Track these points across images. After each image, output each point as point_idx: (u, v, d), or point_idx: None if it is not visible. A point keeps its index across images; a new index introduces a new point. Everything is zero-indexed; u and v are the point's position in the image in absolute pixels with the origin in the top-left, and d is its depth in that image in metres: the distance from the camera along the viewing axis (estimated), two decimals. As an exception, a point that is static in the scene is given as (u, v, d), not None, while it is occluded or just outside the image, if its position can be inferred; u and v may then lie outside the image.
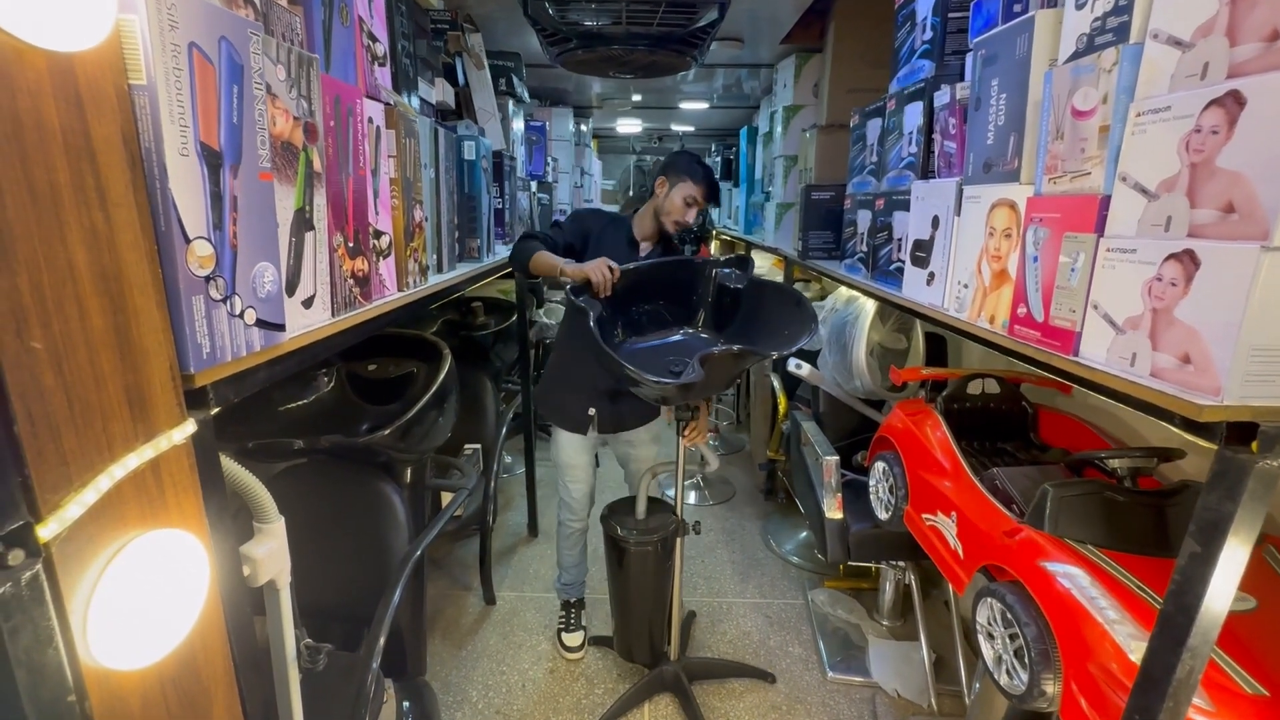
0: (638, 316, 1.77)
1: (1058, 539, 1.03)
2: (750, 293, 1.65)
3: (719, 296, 1.72)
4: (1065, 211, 0.83)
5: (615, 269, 1.61)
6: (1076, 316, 0.82)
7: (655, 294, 1.74)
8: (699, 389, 1.45)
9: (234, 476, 0.87)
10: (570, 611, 2.13)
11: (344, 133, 0.93)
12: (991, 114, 1.01)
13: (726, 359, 1.36)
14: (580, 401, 1.85)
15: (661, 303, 1.76)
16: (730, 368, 1.42)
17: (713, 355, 1.32)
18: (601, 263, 1.61)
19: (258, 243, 0.70)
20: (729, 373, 1.45)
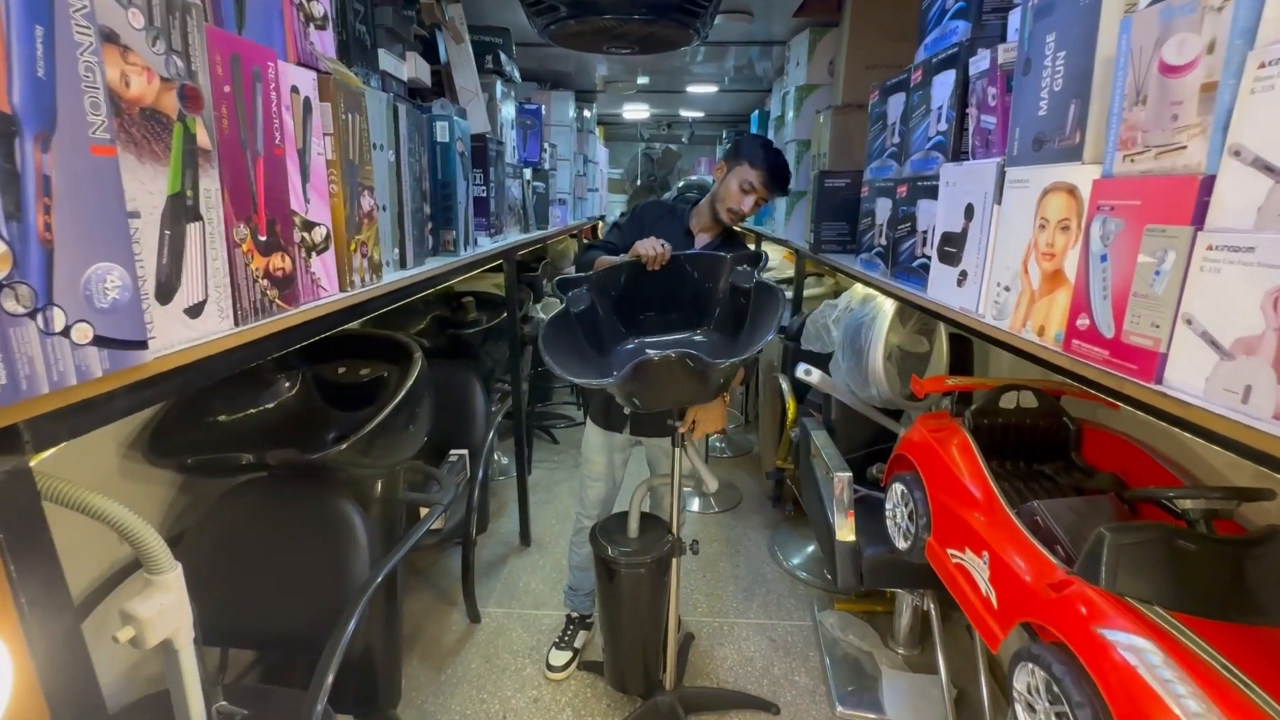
0: (646, 314, 1.61)
1: (1116, 597, 0.85)
2: (754, 294, 1.48)
3: (733, 296, 1.55)
4: (1148, 197, 0.65)
5: (667, 246, 1.55)
6: (1161, 333, 0.63)
7: (667, 290, 1.58)
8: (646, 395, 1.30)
9: (111, 518, 0.71)
10: (569, 628, 1.99)
11: (248, 101, 0.76)
12: (1046, 78, 0.82)
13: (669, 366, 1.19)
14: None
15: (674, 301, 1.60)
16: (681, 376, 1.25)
17: (650, 361, 1.16)
18: (653, 239, 1.56)
19: (92, 237, 0.54)
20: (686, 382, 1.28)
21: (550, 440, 3.59)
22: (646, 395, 1.30)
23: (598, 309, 1.54)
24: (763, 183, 1.67)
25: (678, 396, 1.35)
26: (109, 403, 0.59)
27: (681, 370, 1.20)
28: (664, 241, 1.55)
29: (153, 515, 1.43)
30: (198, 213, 0.69)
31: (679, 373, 1.21)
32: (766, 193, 1.69)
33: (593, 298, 1.53)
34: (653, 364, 1.16)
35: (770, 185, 1.69)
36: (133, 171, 0.60)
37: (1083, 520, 1.09)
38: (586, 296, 1.53)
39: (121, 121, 0.58)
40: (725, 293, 1.55)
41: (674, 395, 1.33)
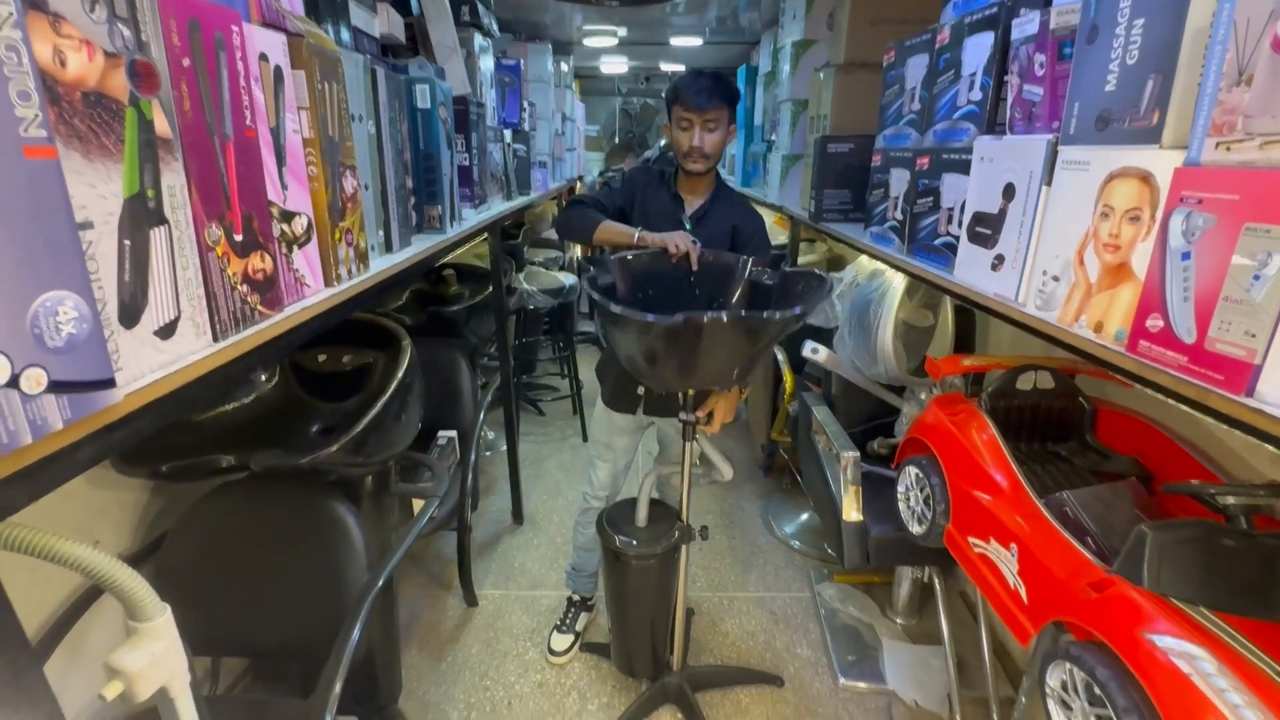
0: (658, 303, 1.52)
1: (1161, 599, 0.83)
2: (780, 284, 1.41)
3: (752, 294, 1.47)
4: (1248, 191, 0.59)
5: (697, 244, 1.44)
6: (1257, 344, 0.58)
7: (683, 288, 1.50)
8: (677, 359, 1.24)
9: (86, 566, 0.62)
10: (570, 610, 1.96)
11: (212, 75, 0.64)
12: (1117, 48, 0.75)
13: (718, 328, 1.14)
14: (632, 379, 1.63)
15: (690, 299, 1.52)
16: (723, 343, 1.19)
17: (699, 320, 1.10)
18: (684, 235, 1.45)
19: (36, 262, 0.44)
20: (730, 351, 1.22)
21: (536, 413, 3.51)
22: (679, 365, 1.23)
23: (617, 288, 1.45)
24: (690, 105, 1.50)
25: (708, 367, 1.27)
26: (73, 455, 0.49)
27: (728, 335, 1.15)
28: (694, 239, 1.45)
29: (127, 523, 1.33)
30: (162, 215, 0.58)
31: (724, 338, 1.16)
32: (700, 113, 1.51)
33: (614, 278, 1.45)
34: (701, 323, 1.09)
35: (695, 99, 1.50)
36: (80, 173, 0.49)
37: (1110, 510, 1.07)
38: (609, 275, 1.44)
39: (60, 112, 0.47)
40: (744, 292, 1.49)
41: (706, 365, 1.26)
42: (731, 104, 1.55)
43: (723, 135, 1.57)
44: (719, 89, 1.51)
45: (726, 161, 4.20)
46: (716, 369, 1.29)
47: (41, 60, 0.45)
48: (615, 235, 1.53)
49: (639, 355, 1.28)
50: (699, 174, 1.59)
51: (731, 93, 1.55)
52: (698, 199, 1.65)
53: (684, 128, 1.54)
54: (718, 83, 1.52)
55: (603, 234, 1.53)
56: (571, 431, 3.30)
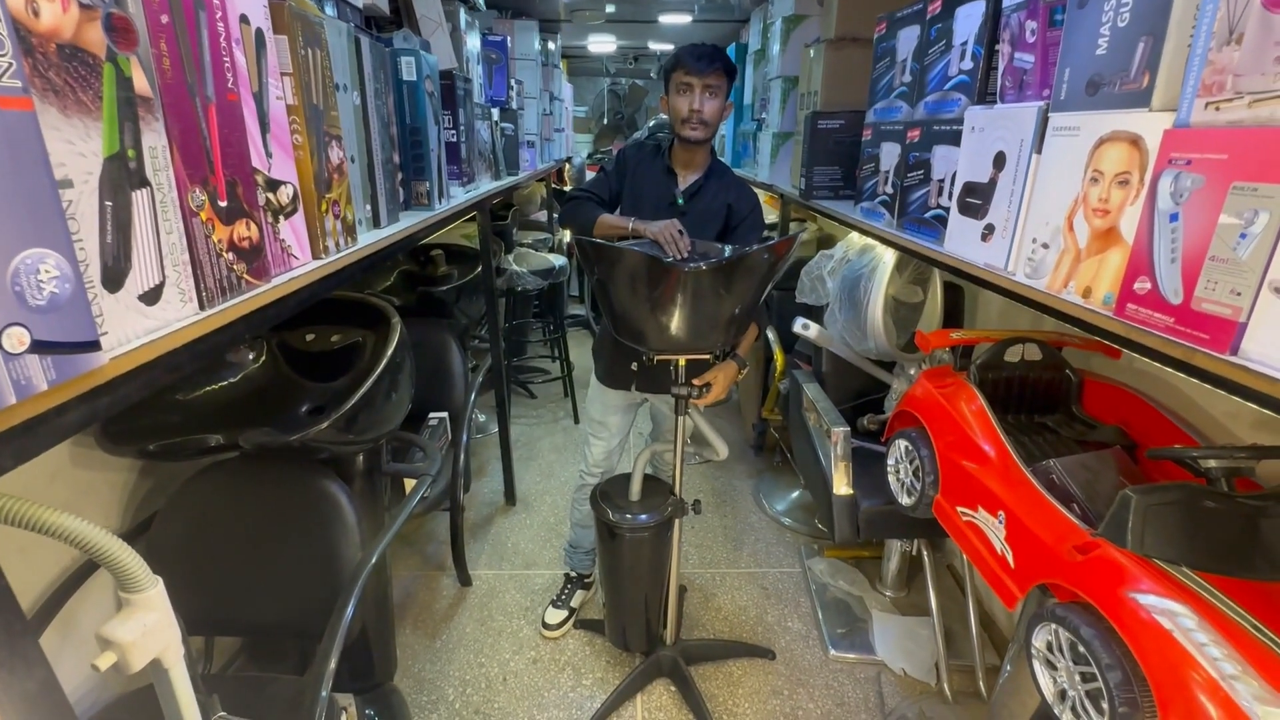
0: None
1: (1145, 560, 0.84)
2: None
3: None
4: (1236, 151, 0.59)
5: (685, 235, 1.43)
6: (1242, 301, 0.59)
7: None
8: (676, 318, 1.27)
9: (76, 536, 0.62)
10: (567, 586, 1.98)
11: (191, 34, 0.62)
12: (1108, 11, 0.75)
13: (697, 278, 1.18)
14: (625, 356, 1.63)
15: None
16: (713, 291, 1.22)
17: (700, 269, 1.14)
18: (672, 224, 1.44)
19: (15, 218, 0.43)
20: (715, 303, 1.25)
21: (527, 395, 3.51)
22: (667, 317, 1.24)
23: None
24: (691, 69, 1.50)
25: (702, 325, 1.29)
26: (59, 418, 0.49)
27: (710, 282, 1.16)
28: (681, 228, 1.44)
29: (115, 503, 1.31)
30: (144, 177, 0.57)
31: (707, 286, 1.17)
32: (700, 77, 1.51)
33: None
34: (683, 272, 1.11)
35: (697, 64, 1.50)
36: (57, 129, 0.48)
37: (1096, 477, 1.09)
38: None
39: (35, 64, 0.45)
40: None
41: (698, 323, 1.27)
42: (730, 76, 1.56)
43: (721, 105, 1.56)
44: (719, 57, 1.52)
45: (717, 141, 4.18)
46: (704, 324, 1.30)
47: (13, 8, 0.43)
48: (612, 227, 1.54)
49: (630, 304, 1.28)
50: (696, 142, 1.58)
51: (731, 66, 1.55)
52: (692, 174, 1.63)
53: (683, 92, 1.54)
54: (719, 52, 1.53)
55: (601, 228, 1.55)
56: (563, 413, 3.31)
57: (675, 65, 1.54)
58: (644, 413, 1.92)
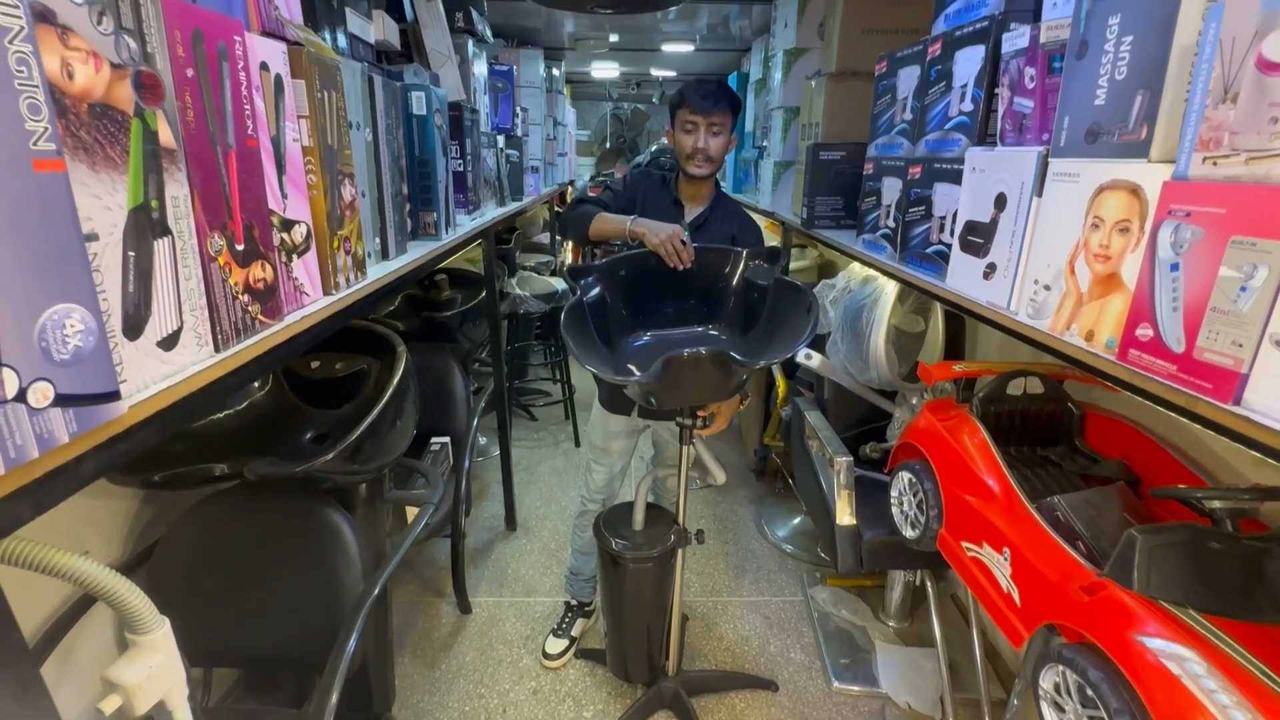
0: (654, 306, 1.53)
1: (1151, 601, 0.84)
2: (773, 291, 1.42)
3: (746, 291, 1.48)
4: (1235, 205, 0.60)
5: (688, 244, 1.43)
6: (1243, 353, 0.60)
7: (677, 282, 1.50)
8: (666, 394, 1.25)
9: (83, 578, 0.62)
10: (568, 615, 1.96)
11: (214, 85, 0.64)
12: (1106, 64, 0.77)
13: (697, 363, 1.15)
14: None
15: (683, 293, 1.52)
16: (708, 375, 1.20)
17: (680, 358, 1.11)
18: (676, 233, 1.44)
19: (44, 275, 0.44)
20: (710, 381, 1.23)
21: (529, 418, 3.51)
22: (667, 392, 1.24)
23: (606, 298, 1.46)
24: (696, 108, 1.54)
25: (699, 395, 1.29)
26: (77, 468, 0.49)
27: (710, 368, 1.15)
28: (685, 236, 1.46)
29: (117, 531, 1.31)
30: (165, 226, 0.58)
31: (706, 370, 1.16)
32: (705, 116, 1.54)
33: (602, 287, 1.45)
34: (682, 360, 1.09)
35: (702, 103, 1.53)
36: (86, 184, 0.49)
37: (1100, 514, 1.09)
38: (596, 284, 1.45)
39: (68, 124, 0.47)
40: (739, 288, 1.49)
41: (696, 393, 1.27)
42: (735, 112, 1.59)
43: (725, 141, 1.60)
44: (725, 95, 1.56)
45: (717, 167, 4.23)
46: (707, 392, 1.31)
47: (50, 73, 0.45)
48: (610, 229, 1.54)
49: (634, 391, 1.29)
50: (701, 177, 1.61)
51: (737, 101, 1.59)
52: (698, 205, 1.66)
53: (689, 130, 1.57)
54: (724, 89, 1.57)
55: (598, 226, 1.56)
56: (564, 436, 3.30)
57: (681, 102, 1.58)
58: (645, 437, 1.93)
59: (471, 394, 2.26)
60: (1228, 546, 0.87)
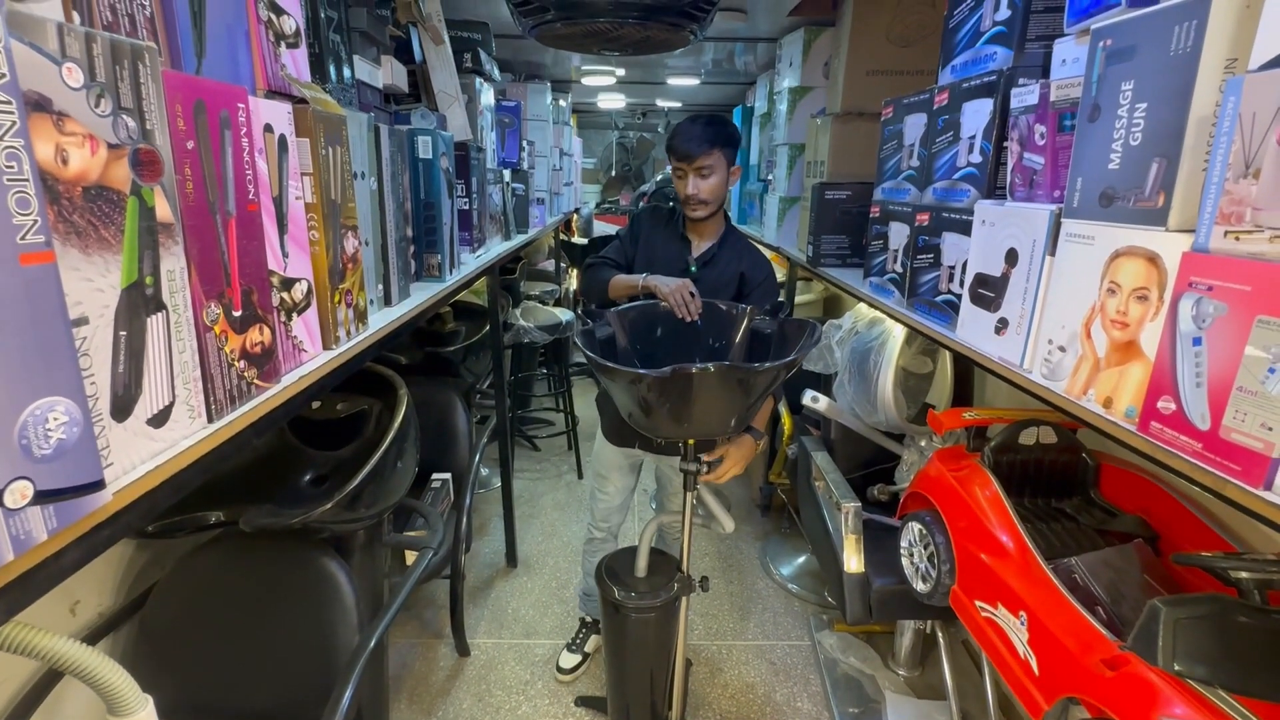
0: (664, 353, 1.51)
1: (1178, 680, 0.81)
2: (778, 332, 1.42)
3: (751, 342, 1.47)
4: (1261, 284, 0.58)
5: (696, 297, 1.45)
6: (1273, 437, 0.57)
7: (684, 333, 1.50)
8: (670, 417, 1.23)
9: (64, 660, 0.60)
10: (582, 631, 2.02)
11: (215, 154, 0.63)
12: (1120, 129, 0.75)
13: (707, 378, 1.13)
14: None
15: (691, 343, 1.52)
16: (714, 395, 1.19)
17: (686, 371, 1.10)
18: (684, 285, 1.45)
19: (27, 370, 0.42)
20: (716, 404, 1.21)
21: (531, 448, 3.48)
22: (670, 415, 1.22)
23: (617, 341, 1.45)
24: (680, 154, 1.54)
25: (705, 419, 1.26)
26: (56, 563, 0.47)
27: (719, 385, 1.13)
28: (693, 289, 1.46)
29: (110, 579, 1.28)
30: (160, 301, 0.56)
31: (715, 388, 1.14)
32: (690, 162, 1.53)
33: (615, 328, 1.45)
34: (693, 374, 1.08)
35: (684, 147, 1.52)
36: (77, 269, 0.48)
37: (1120, 576, 1.05)
38: (608, 326, 1.45)
39: (60, 210, 0.46)
40: (744, 339, 1.48)
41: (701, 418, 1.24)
42: (728, 146, 1.56)
43: (721, 179, 1.58)
44: (709, 134, 1.52)
45: (722, 197, 4.24)
46: (711, 418, 1.28)
47: (43, 161, 0.44)
48: (625, 287, 1.56)
49: (634, 406, 1.27)
50: (701, 219, 1.61)
51: (727, 135, 1.55)
52: (706, 241, 1.66)
53: (679, 176, 1.58)
54: (709, 128, 1.53)
55: (615, 290, 1.58)
56: (567, 468, 3.27)
57: (670, 148, 1.58)
58: (649, 468, 1.91)
59: (474, 426, 2.24)
60: (1257, 620, 0.83)
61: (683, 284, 1.47)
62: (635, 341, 1.51)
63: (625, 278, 1.58)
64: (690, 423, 1.29)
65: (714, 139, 1.52)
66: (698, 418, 1.27)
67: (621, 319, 1.49)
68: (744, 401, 1.25)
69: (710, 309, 1.50)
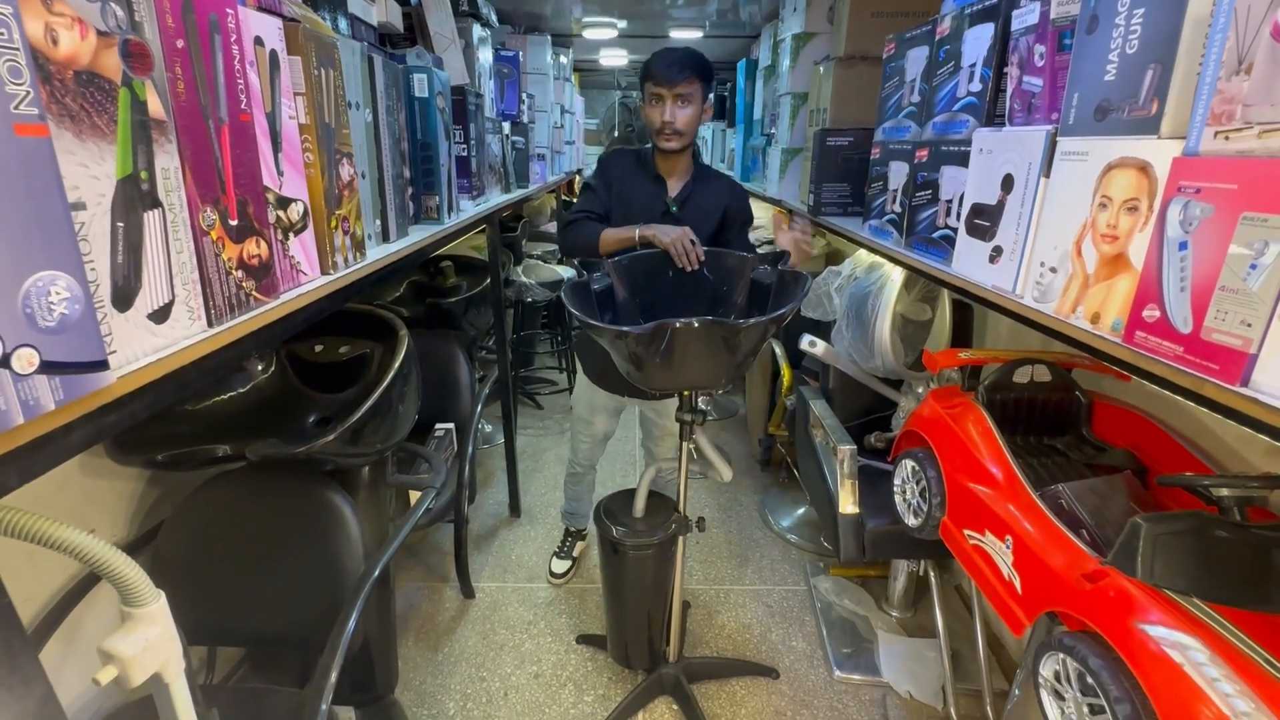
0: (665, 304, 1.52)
1: (1155, 589, 0.83)
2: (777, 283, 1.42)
3: (752, 294, 1.48)
4: (1246, 180, 0.59)
5: (697, 244, 1.44)
6: (1252, 333, 0.58)
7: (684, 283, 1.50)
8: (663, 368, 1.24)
9: (78, 550, 0.62)
10: (567, 540, 2.21)
11: (206, 57, 0.64)
12: (1117, 38, 0.74)
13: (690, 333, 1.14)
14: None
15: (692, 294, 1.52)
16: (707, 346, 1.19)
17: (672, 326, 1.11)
18: (684, 234, 1.44)
19: (28, 241, 0.44)
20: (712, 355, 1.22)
21: (534, 406, 3.51)
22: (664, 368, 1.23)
23: (616, 291, 1.46)
24: (660, 79, 1.49)
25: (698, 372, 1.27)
26: (65, 437, 0.49)
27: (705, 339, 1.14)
28: (693, 236, 1.45)
29: (123, 512, 1.33)
30: (156, 198, 0.57)
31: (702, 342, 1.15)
32: (670, 87, 1.49)
33: (614, 279, 1.45)
34: (675, 329, 1.09)
35: (665, 72, 1.48)
36: (72, 153, 0.49)
37: (1105, 502, 1.07)
38: (607, 277, 1.45)
39: (52, 90, 0.47)
40: (745, 289, 1.48)
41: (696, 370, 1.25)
42: (704, 79, 1.53)
43: (696, 111, 1.55)
44: (690, 62, 1.50)
45: (725, 156, 4.19)
46: (702, 371, 1.29)
47: (33, 37, 0.44)
48: (617, 241, 1.54)
49: (625, 360, 1.28)
50: (674, 151, 1.59)
51: (704, 67, 1.53)
52: (680, 180, 1.64)
53: (655, 103, 1.54)
54: (689, 56, 1.51)
55: (605, 244, 1.55)
56: (569, 425, 3.30)
57: (646, 75, 1.54)
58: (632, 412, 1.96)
59: (476, 381, 2.27)
60: (1235, 535, 0.85)
61: (683, 233, 1.46)
62: (635, 293, 1.51)
63: (615, 231, 1.55)
64: (680, 375, 1.30)
65: (695, 67, 1.50)
66: (688, 370, 1.28)
67: (619, 270, 1.49)
68: (733, 357, 1.26)
69: (712, 257, 1.50)
